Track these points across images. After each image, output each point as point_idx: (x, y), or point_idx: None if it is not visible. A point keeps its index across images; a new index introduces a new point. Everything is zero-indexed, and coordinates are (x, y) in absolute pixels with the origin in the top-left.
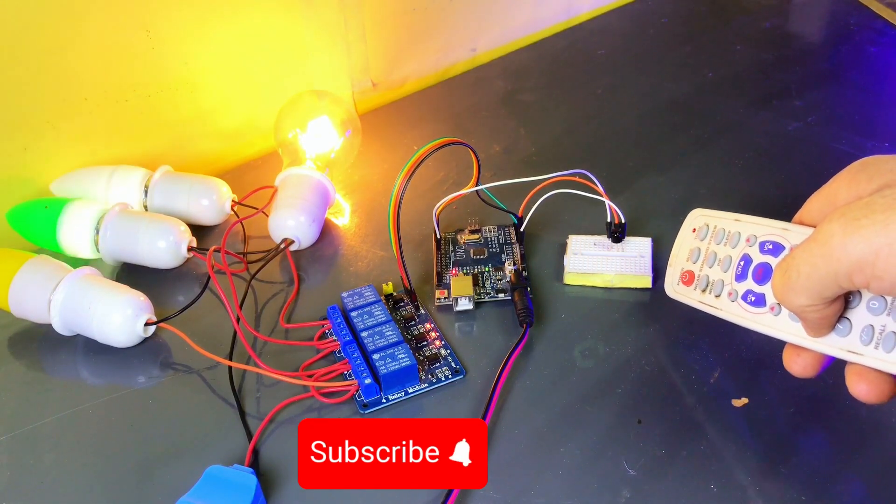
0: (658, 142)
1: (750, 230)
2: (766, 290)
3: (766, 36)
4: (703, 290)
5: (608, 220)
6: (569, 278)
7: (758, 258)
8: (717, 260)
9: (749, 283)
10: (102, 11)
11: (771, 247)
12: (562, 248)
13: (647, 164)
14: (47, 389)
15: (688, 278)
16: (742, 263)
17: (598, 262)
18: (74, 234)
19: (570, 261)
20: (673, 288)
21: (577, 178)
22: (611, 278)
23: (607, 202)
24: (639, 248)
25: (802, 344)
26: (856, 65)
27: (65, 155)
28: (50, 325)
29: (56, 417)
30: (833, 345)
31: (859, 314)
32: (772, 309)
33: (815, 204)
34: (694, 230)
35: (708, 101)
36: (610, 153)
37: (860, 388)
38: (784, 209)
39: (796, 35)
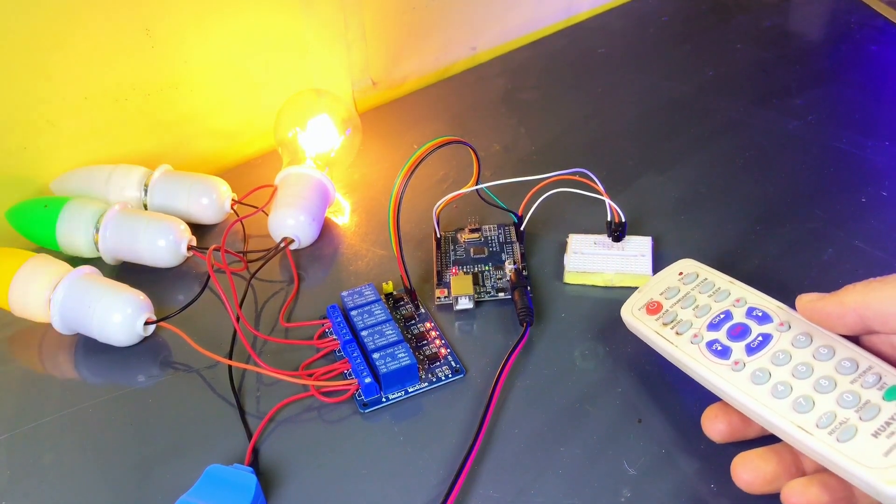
0: (658, 140)
1: (741, 294)
2: (735, 346)
3: (767, 35)
4: (665, 324)
5: (608, 218)
6: (569, 277)
7: (739, 318)
8: (695, 305)
9: (720, 335)
10: (102, 10)
11: (760, 314)
12: (562, 247)
13: (648, 163)
14: (47, 388)
15: (654, 308)
16: (722, 316)
17: (598, 261)
18: (74, 233)
19: (570, 260)
20: (632, 311)
21: (577, 177)
22: (611, 277)
23: (607, 201)
24: (639, 247)
25: (750, 406)
26: (856, 63)
27: (64, 154)
28: (50, 325)
29: (56, 416)
30: (784, 415)
31: (826, 400)
32: (735, 363)
33: (828, 306)
34: (681, 273)
35: (708, 100)
36: (610, 152)
37: (718, 428)
38: (784, 207)
39: (796, 34)
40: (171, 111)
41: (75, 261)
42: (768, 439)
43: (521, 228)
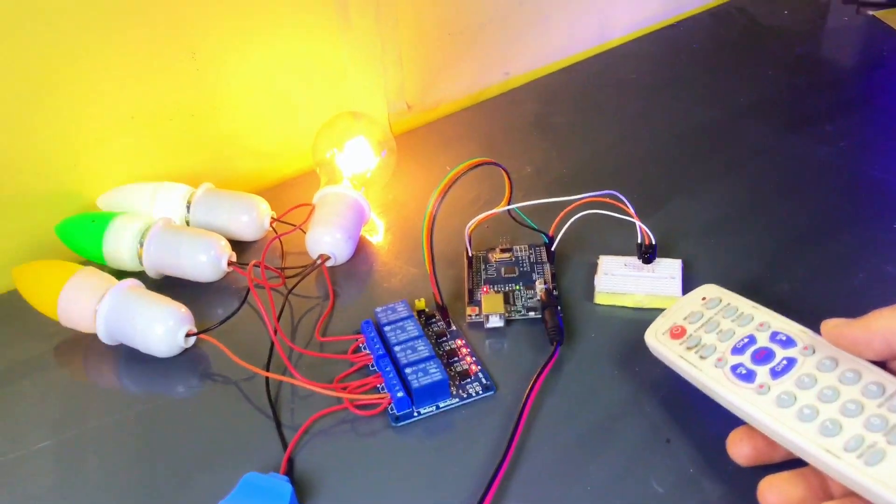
0: (689, 165)
1: (766, 318)
2: (759, 370)
3: (798, 62)
4: (689, 349)
5: (639, 241)
6: (599, 298)
7: (763, 342)
8: (719, 329)
9: (744, 359)
10: (150, 33)
11: (784, 338)
12: (592, 268)
13: (678, 187)
14: (91, 396)
15: (678, 332)
16: (746, 340)
17: (628, 283)
18: (119, 248)
19: (600, 281)
20: (655, 335)
21: (608, 199)
22: (641, 299)
23: (638, 223)
24: (669, 269)
25: (776, 430)
26: (888, 90)
27: (111, 171)
28: (95, 335)
29: (99, 424)
30: (812, 439)
31: (854, 423)
32: (760, 387)
33: (855, 331)
34: (704, 298)
35: (739, 126)
36: (641, 175)
37: (744, 451)
38: (815, 232)
39: (828, 61)
40: (213, 131)
41: (120, 274)
42: (794, 463)
43: (552, 249)
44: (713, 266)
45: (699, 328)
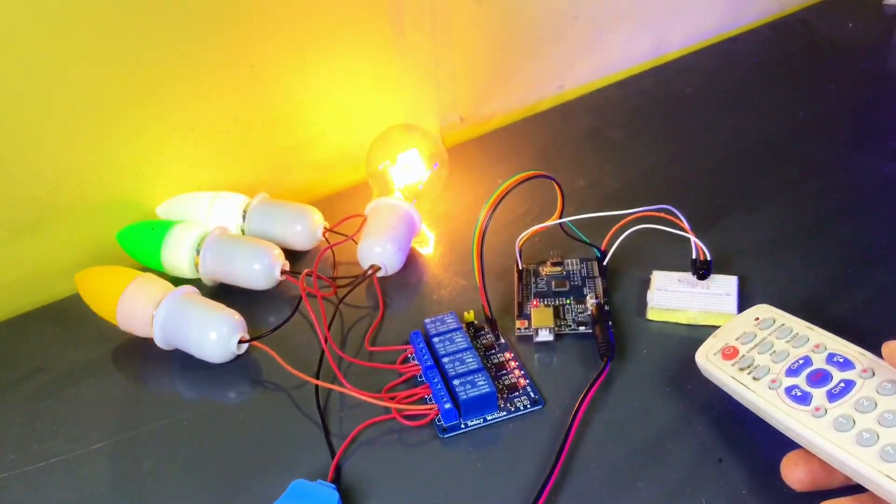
0: (746, 180)
1: (821, 339)
2: (816, 392)
3: (863, 76)
4: (742, 370)
5: (693, 256)
6: (652, 314)
7: (820, 364)
8: (773, 350)
9: (799, 381)
10: (211, 48)
11: (841, 360)
12: (645, 284)
13: (735, 203)
14: (146, 399)
15: (730, 353)
16: (801, 362)
17: (682, 299)
18: (177, 255)
19: (653, 296)
20: (707, 356)
21: (661, 214)
22: (695, 315)
23: (693, 238)
24: (724, 285)
25: (834, 454)
26: None
27: (170, 180)
28: (151, 339)
29: (153, 427)
30: (871, 464)
31: None
32: (816, 409)
33: None
34: (757, 319)
35: (799, 141)
36: (696, 190)
37: (799, 476)
38: (878, 252)
39: (894, 75)
40: (270, 143)
41: (177, 281)
42: (852, 489)
43: (604, 263)
44: (770, 284)
45: (752, 349)
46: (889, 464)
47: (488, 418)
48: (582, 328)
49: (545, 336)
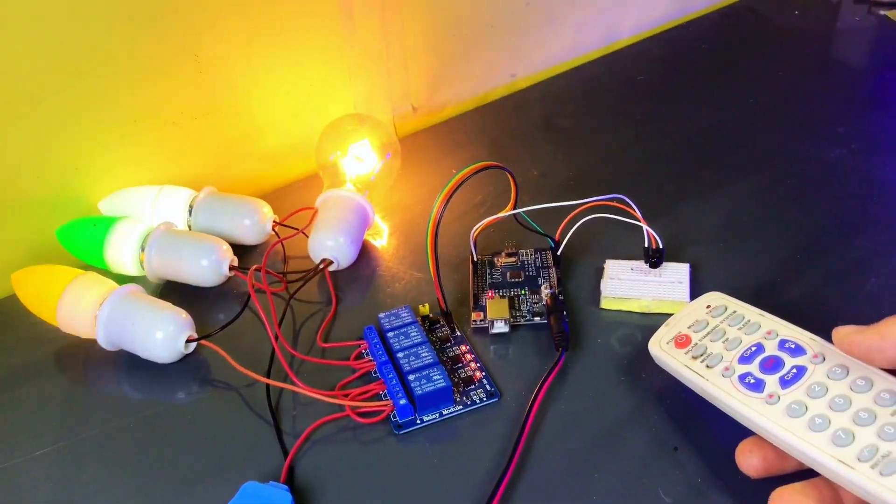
0: (697, 168)
1: (773, 326)
2: (768, 379)
3: (809, 62)
4: (695, 358)
5: (646, 245)
6: (605, 303)
7: (772, 351)
8: (725, 338)
9: (752, 368)
10: (153, 37)
11: (793, 346)
12: (598, 273)
13: (686, 190)
14: (90, 403)
15: (683, 341)
16: (754, 349)
17: (635, 287)
18: (120, 252)
19: (606, 285)
20: (660, 345)
21: (614, 203)
22: (648, 303)
23: (645, 227)
24: (677, 273)
25: (787, 440)
26: None
27: (113, 174)
28: (95, 340)
29: (98, 431)
30: (823, 449)
31: (867, 433)
32: (770, 396)
33: (868, 339)
34: (709, 306)
35: (749, 128)
36: (648, 178)
37: (753, 463)
38: (827, 236)
39: (840, 61)
40: (216, 135)
41: (121, 279)
42: (805, 474)
43: (558, 253)
44: (722, 271)
45: (704, 337)
46: (840, 448)
47: (444, 413)
48: (537, 318)
49: (500, 328)
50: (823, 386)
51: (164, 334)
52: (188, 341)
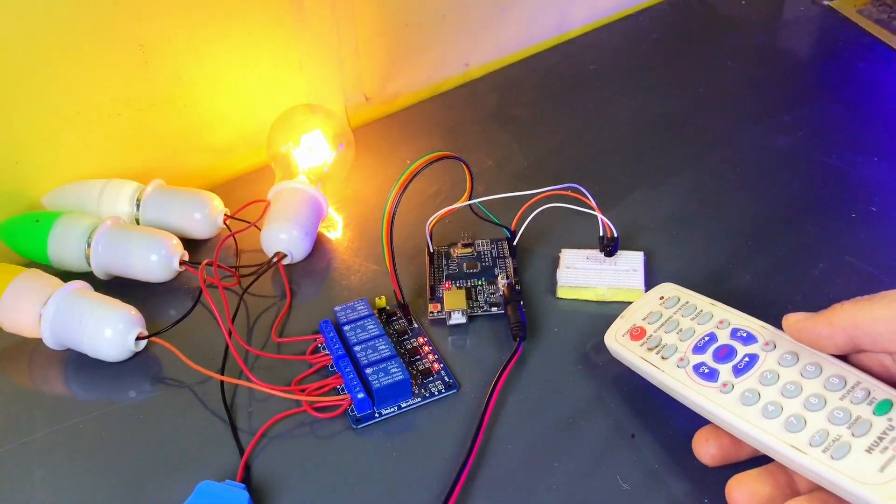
0: (650, 156)
1: (724, 315)
2: (722, 368)
3: (757, 52)
4: (650, 349)
5: (600, 234)
6: (561, 292)
7: (724, 340)
8: (678, 328)
9: (706, 358)
10: (95, 25)
11: (744, 335)
12: (554, 262)
13: (640, 179)
14: (37, 404)
15: (638, 333)
16: (707, 339)
17: (590, 276)
18: (65, 248)
19: (562, 274)
20: (615, 338)
21: (569, 192)
22: (603, 292)
23: (599, 216)
24: (631, 262)
25: (741, 428)
26: (845, 80)
27: (57, 168)
28: (40, 340)
29: (46, 433)
30: (777, 435)
31: (818, 418)
32: (724, 385)
33: (817, 326)
34: (662, 298)
35: (699, 116)
36: (602, 167)
37: (710, 452)
38: (775, 223)
39: (786, 51)
40: (164, 126)
41: (66, 276)
42: (761, 460)
43: (514, 243)
44: (675, 258)
45: (659, 328)
46: (793, 434)
47: (403, 405)
48: (494, 309)
49: (458, 318)
50: (775, 373)
51: (113, 332)
52: (138, 339)
